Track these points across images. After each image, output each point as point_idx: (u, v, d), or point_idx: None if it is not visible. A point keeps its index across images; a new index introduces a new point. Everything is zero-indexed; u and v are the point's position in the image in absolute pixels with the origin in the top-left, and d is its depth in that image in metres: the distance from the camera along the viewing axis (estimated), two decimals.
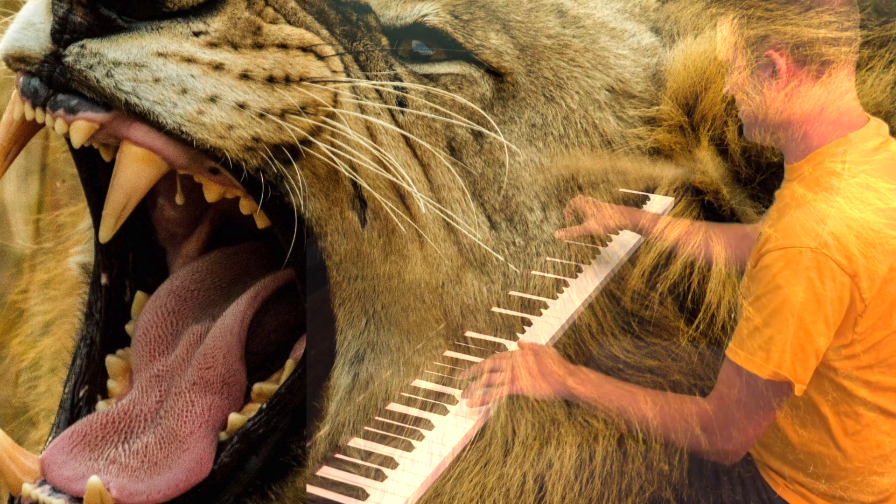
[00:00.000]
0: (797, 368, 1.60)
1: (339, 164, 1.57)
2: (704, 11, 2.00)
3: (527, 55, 1.84)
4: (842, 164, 1.63)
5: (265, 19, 1.57)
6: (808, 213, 1.60)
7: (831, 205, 1.60)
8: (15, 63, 1.54)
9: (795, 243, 1.58)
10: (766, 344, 1.60)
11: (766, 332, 1.60)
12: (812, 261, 1.57)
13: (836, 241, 1.57)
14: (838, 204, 1.60)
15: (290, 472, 1.68)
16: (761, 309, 1.61)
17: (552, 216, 1.83)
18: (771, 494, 1.75)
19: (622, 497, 1.76)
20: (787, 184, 1.70)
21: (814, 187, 1.63)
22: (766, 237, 1.63)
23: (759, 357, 1.60)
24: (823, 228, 1.57)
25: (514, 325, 1.79)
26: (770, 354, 1.59)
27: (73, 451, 1.61)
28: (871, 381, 1.65)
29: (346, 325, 1.68)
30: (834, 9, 1.63)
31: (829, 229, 1.57)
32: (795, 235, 1.59)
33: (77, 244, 2.06)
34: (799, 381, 1.61)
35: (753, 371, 1.61)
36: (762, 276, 1.61)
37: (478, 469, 1.74)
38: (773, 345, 1.59)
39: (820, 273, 1.57)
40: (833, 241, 1.57)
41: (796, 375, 1.60)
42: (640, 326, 1.82)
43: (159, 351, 1.75)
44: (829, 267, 1.57)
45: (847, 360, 1.64)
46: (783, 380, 1.60)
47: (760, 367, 1.60)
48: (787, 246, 1.59)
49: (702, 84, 1.87)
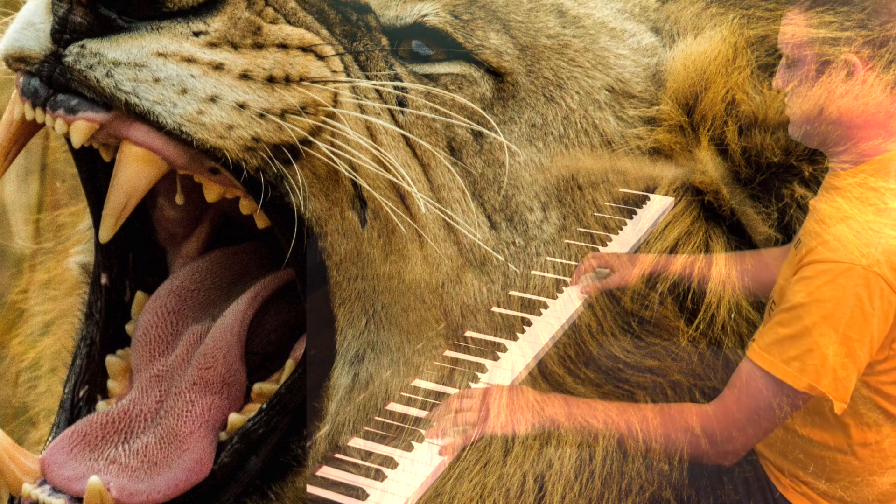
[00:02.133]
0: (838, 387, 1.57)
1: (339, 164, 1.57)
2: (704, 11, 2.00)
3: (527, 55, 1.84)
4: (893, 180, 1.62)
5: (265, 19, 1.57)
6: (858, 228, 1.58)
7: (881, 220, 1.58)
8: (15, 63, 1.54)
9: (845, 258, 1.56)
10: (802, 355, 1.57)
11: (804, 343, 1.57)
12: (862, 278, 1.55)
13: (886, 259, 1.55)
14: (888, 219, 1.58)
15: (290, 472, 1.67)
16: (798, 318, 1.58)
17: (552, 216, 1.83)
18: (774, 494, 1.75)
19: (622, 497, 1.76)
20: (829, 193, 1.66)
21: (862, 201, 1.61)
22: (809, 247, 1.60)
23: (793, 368, 1.57)
24: (874, 246, 1.55)
25: (514, 325, 1.79)
26: (806, 366, 1.56)
27: (73, 451, 1.61)
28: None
29: (346, 325, 1.68)
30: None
31: (880, 247, 1.55)
32: (845, 250, 1.56)
33: (77, 244, 2.06)
34: (840, 400, 1.58)
35: (786, 380, 1.57)
36: (803, 287, 1.58)
37: (478, 469, 1.74)
38: (812, 357, 1.56)
39: (869, 291, 1.55)
40: (884, 260, 1.55)
41: (837, 393, 1.57)
42: (640, 326, 1.82)
43: (159, 351, 1.75)
44: (879, 285, 1.55)
45: (879, 374, 1.62)
46: (818, 394, 1.57)
47: (795, 378, 1.57)
48: (835, 260, 1.56)
49: (702, 84, 1.87)
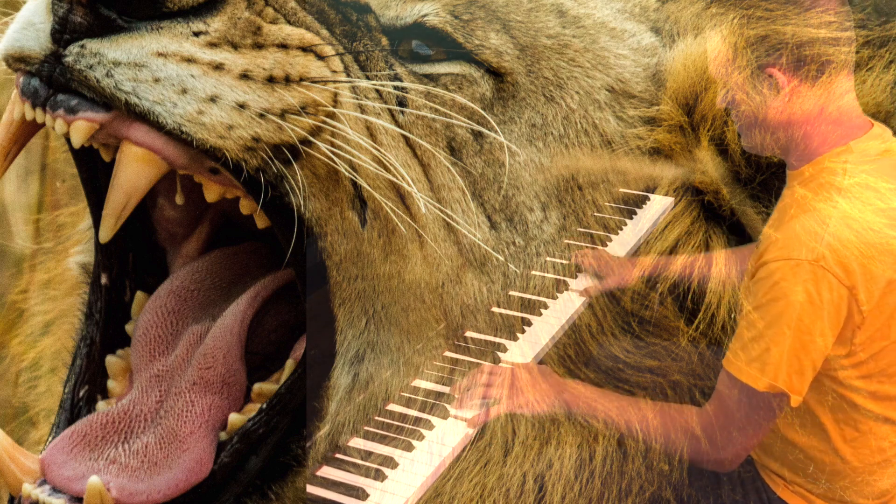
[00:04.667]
0: (793, 380, 1.60)
1: (339, 164, 1.57)
2: (704, 11, 2.00)
3: (527, 55, 1.84)
4: (843, 166, 1.63)
5: (265, 19, 1.57)
6: (808, 221, 1.60)
7: (832, 209, 1.60)
8: (15, 63, 1.54)
9: (794, 255, 1.58)
10: (761, 356, 1.60)
11: (762, 344, 1.60)
12: (809, 273, 1.57)
13: (833, 253, 1.57)
14: (839, 207, 1.59)
15: (290, 472, 1.67)
16: (757, 320, 1.60)
17: (552, 216, 1.83)
18: (771, 495, 1.76)
19: (622, 497, 1.76)
20: (789, 189, 1.70)
21: (814, 189, 1.63)
22: (765, 245, 1.63)
23: (754, 369, 1.60)
24: (822, 240, 1.57)
25: (514, 325, 1.79)
26: (765, 367, 1.59)
27: (73, 451, 1.61)
28: (871, 391, 1.65)
29: (346, 325, 1.68)
30: (834, 8, 1.63)
31: (828, 241, 1.57)
32: (793, 247, 1.58)
33: (77, 244, 2.06)
34: (795, 393, 1.61)
35: (749, 383, 1.61)
36: (760, 287, 1.61)
37: (478, 469, 1.74)
38: (769, 357, 1.59)
39: (817, 285, 1.57)
40: (831, 254, 1.57)
41: (792, 387, 1.60)
42: (640, 326, 1.82)
43: (159, 351, 1.75)
44: (827, 279, 1.57)
45: (846, 369, 1.63)
46: (779, 392, 1.60)
47: (756, 378, 1.60)
48: (785, 258, 1.59)
49: (702, 84, 1.87)
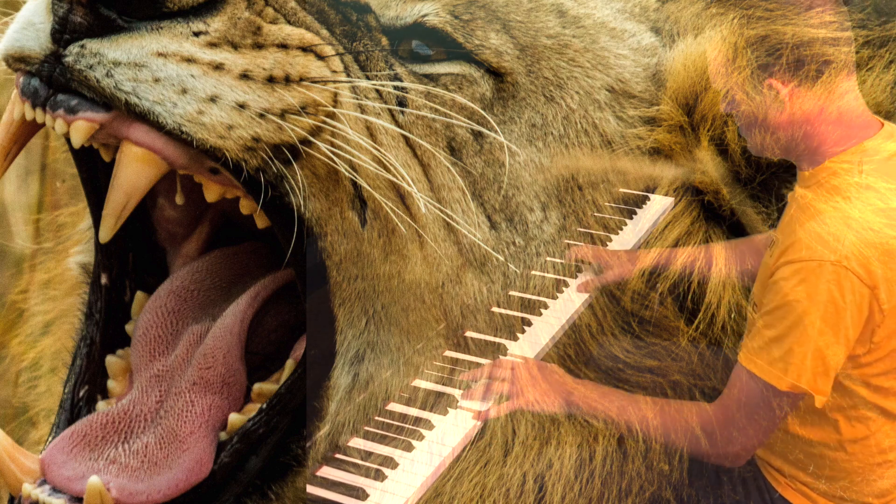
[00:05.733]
0: (818, 381, 1.59)
1: (339, 164, 1.57)
2: (704, 11, 2.00)
3: (527, 55, 1.84)
4: (859, 167, 1.62)
5: (265, 19, 1.57)
6: (826, 224, 1.59)
7: (849, 214, 1.59)
8: (15, 63, 1.54)
9: (815, 256, 1.57)
10: (784, 356, 1.59)
11: (785, 344, 1.59)
12: (832, 274, 1.56)
13: (855, 253, 1.56)
14: (856, 212, 1.59)
15: (290, 472, 1.67)
16: (779, 320, 1.60)
17: (552, 216, 1.83)
18: (773, 494, 1.75)
19: (622, 497, 1.76)
20: (803, 189, 1.68)
21: (830, 195, 1.62)
22: (782, 248, 1.62)
23: (777, 368, 1.60)
24: (842, 240, 1.57)
25: (514, 325, 1.79)
26: (789, 367, 1.59)
27: (73, 451, 1.61)
28: (884, 387, 1.65)
29: (346, 325, 1.68)
30: (833, 9, 1.63)
31: (849, 241, 1.56)
32: (814, 248, 1.58)
33: (77, 244, 2.06)
34: (820, 394, 1.60)
35: (771, 382, 1.60)
36: (779, 288, 1.60)
37: (478, 469, 1.74)
38: (792, 357, 1.59)
39: (840, 286, 1.56)
40: (853, 254, 1.56)
41: (816, 387, 1.60)
42: (640, 326, 1.82)
43: (159, 351, 1.75)
44: (850, 279, 1.56)
45: (862, 367, 1.63)
46: (801, 392, 1.60)
47: (779, 378, 1.60)
48: (805, 259, 1.58)
49: (702, 84, 1.87)
